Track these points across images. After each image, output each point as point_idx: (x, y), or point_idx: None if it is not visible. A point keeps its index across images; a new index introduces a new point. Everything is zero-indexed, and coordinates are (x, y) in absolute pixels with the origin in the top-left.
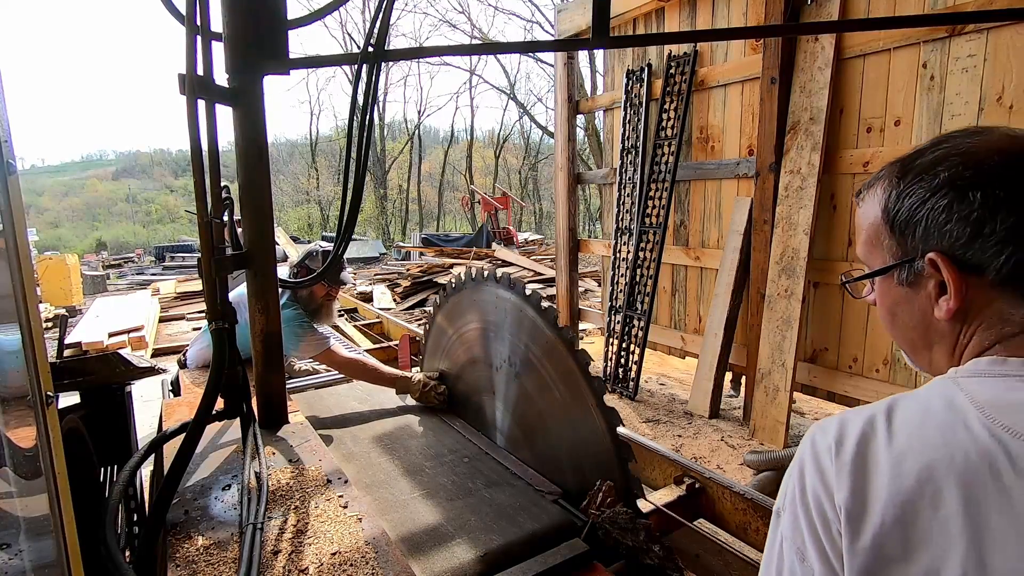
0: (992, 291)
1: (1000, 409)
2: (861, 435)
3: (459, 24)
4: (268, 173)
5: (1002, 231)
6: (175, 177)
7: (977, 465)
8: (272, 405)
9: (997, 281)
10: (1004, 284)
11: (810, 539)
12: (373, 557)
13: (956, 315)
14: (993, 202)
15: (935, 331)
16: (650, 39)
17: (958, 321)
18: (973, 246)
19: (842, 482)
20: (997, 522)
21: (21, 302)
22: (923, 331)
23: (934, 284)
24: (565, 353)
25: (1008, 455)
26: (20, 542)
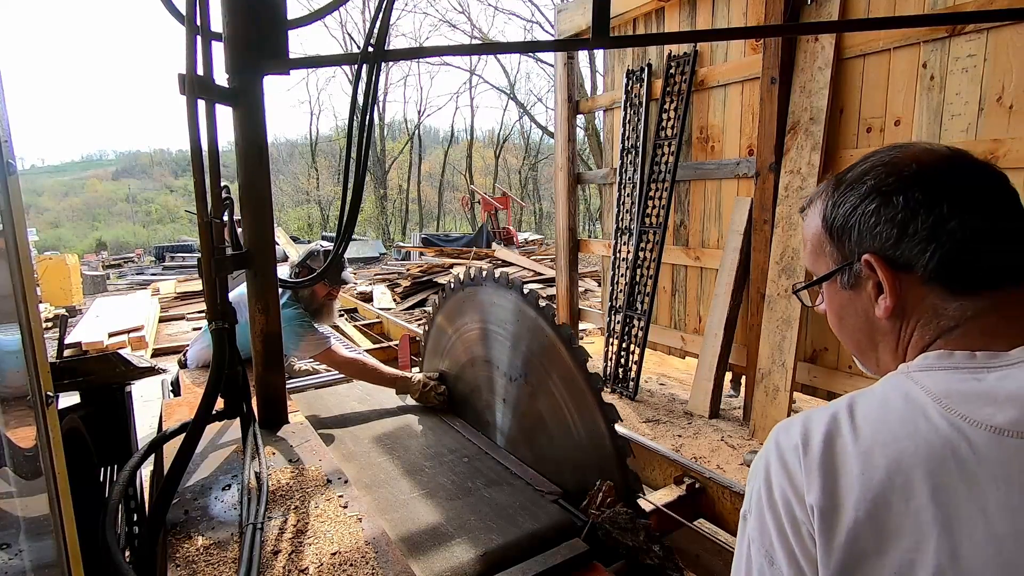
0: (923, 287)
1: (954, 399)
2: (827, 433)
3: (459, 24)
4: (268, 173)
5: (924, 230)
6: (175, 177)
7: (941, 454)
8: (272, 405)
9: (926, 277)
10: (933, 280)
11: (778, 541)
12: (373, 557)
13: (894, 312)
14: (914, 204)
15: (878, 330)
16: (650, 39)
17: (897, 318)
18: (901, 245)
19: (812, 482)
20: (966, 509)
21: (21, 302)
22: (867, 331)
23: (872, 284)
24: (563, 350)
25: (968, 443)
26: (20, 542)
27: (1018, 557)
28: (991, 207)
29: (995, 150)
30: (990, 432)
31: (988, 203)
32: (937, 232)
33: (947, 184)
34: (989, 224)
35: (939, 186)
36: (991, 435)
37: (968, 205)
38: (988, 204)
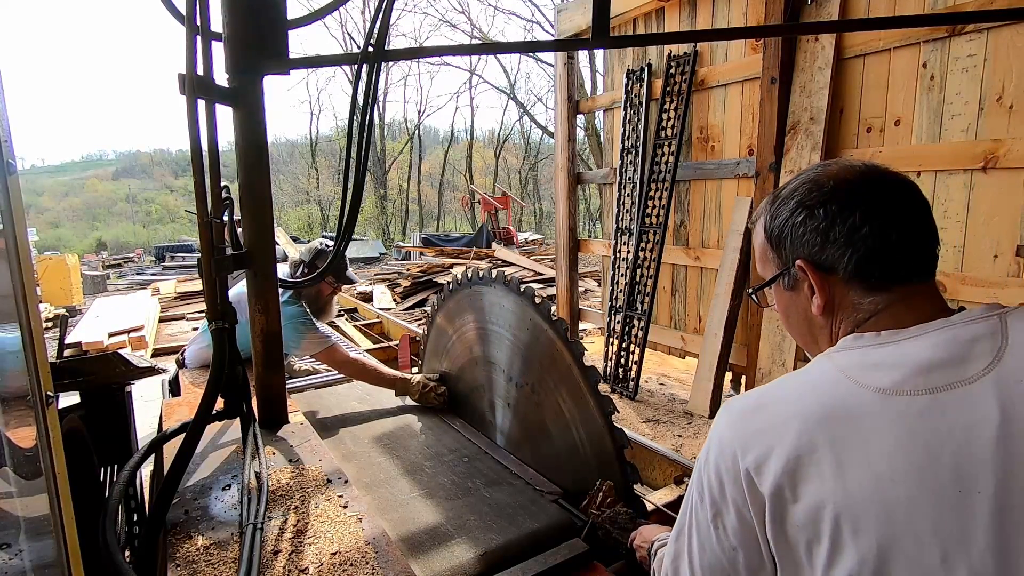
0: (845, 286)
1: (854, 369)
2: (757, 407)
3: (459, 24)
4: (268, 173)
5: (842, 237)
6: (175, 177)
7: (838, 413)
8: (272, 405)
9: (846, 277)
10: (852, 279)
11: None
12: (373, 557)
13: (825, 309)
14: (831, 215)
15: (816, 326)
16: (650, 39)
17: (828, 314)
18: (825, 251)
19: (746, 448)
20: (854, 455)
21: (21, 302)
22: (808, 327)
23: (807, 286)
24: (560, 346)
25: (859, 401)
26: (20, 542)
27: (892, 492)
28: (897, 214)
29: (995, 150)
30: (875, 392)
31: (895, 210)
32: (852, 238)
33: (859, 196)
34: (895, 228)
35: (852, 198)
36: (876, 394)
37: (877, 213)
38: (895, 211)
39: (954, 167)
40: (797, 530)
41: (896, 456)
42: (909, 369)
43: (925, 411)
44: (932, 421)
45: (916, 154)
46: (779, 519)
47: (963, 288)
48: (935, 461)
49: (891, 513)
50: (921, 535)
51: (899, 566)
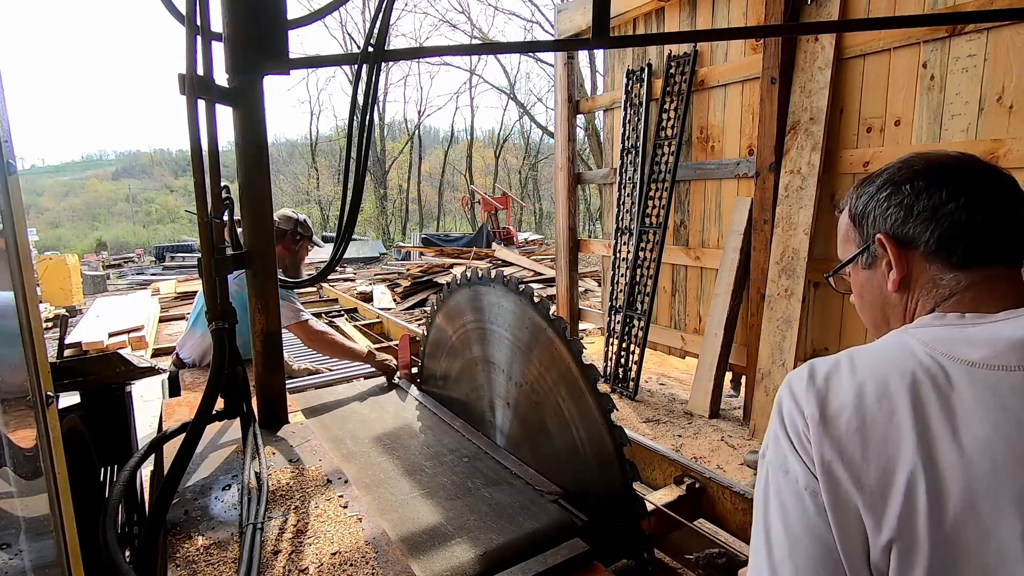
0: (925, 262)
1: (939, 343)
2: (828, 369)
3: (459, 24)
4: (268, 173)
5: (926, 211)
6: (175, 177)
7: (922, 380)
8: (272, 405)
9: (927, 253)
10: (932, 255)
11: (790, 453)
12: (373, 557)
13: (902, 285)
14: (918, 190)
15: (889, 304)
16: (650, 39)
17: (904, 291)
18: (907, 225)
19: (810, 401)
20: (939, 424)
21: (21, 302)
22: (881, 306)
23: (885, 263)
24: (559, 345)
25: (946, 373)
26: (20, 542)
27: (976, 461)
28: (985, 197)
29: (995, 150)
30: (965, 365)
31: (983, 193)
32: (937, 213)
33: (947, 176)
34: (981, 210)
35: (940, 177)
36: (965, 367)
37: (964, 192)
38: (983, 194)
39: None
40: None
41: (983, 427)
42: (1001, 346)
43: (1017, 387)
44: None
45: None
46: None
47: None
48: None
49: (972, 485)
50: (1003, 506)
51: (972, 535)
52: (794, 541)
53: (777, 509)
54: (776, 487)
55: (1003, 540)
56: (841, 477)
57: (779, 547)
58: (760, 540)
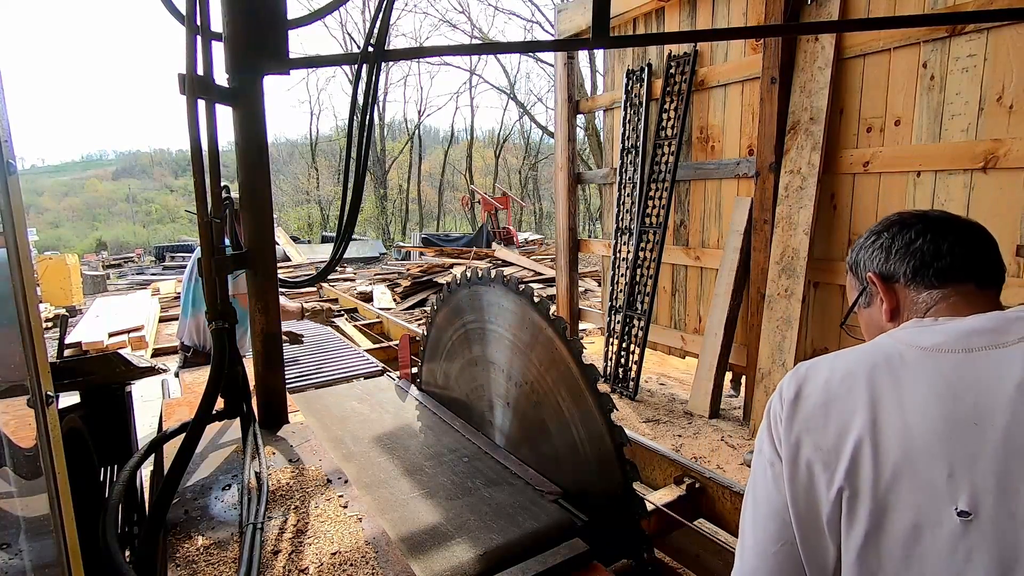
0: (906, 289)
1: (906, 336)
2: (812, 364)
3: (459, 24)
4: (268, 173)
5: (901, 249)
6: (175, 177)
7: (880, 362)
8: (272, 405)
9: (906, 282)
10: (911, 283)
11: (765, 434)
12: (373, 557)
13: (893, 314)
14: (893, 234)
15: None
16: (650, 39)
17: (896, 319)
18: (888, 263)
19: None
20: (888, 396)
21: (21, 302)
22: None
23: (879, 299)
24: (559, 344)
25: (901, 356)
26: (20, 542)
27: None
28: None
29: (995, 150)
30: (919, 349)
31: (946, 229)
32: (909, 248)
33: (917, 220)
34: (946, 240)
35: (911, 223)
36: (919, 351)
37: (931, 230)
38: (946, 230)
39: (954, 167)
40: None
41: (925, 396)
42: (953, 334)
43: (959, 364)
44: (963, 371)
45: (916, 154)
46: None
47: None
48: (958, 400)
49: (909, 439)
50: (933, 455)
51: (907, 481)
52: (755, 505)
53: (751, 482)
54: (754, 465)
55: (933, 482)
56: (805, 444)
57: (749, 512)
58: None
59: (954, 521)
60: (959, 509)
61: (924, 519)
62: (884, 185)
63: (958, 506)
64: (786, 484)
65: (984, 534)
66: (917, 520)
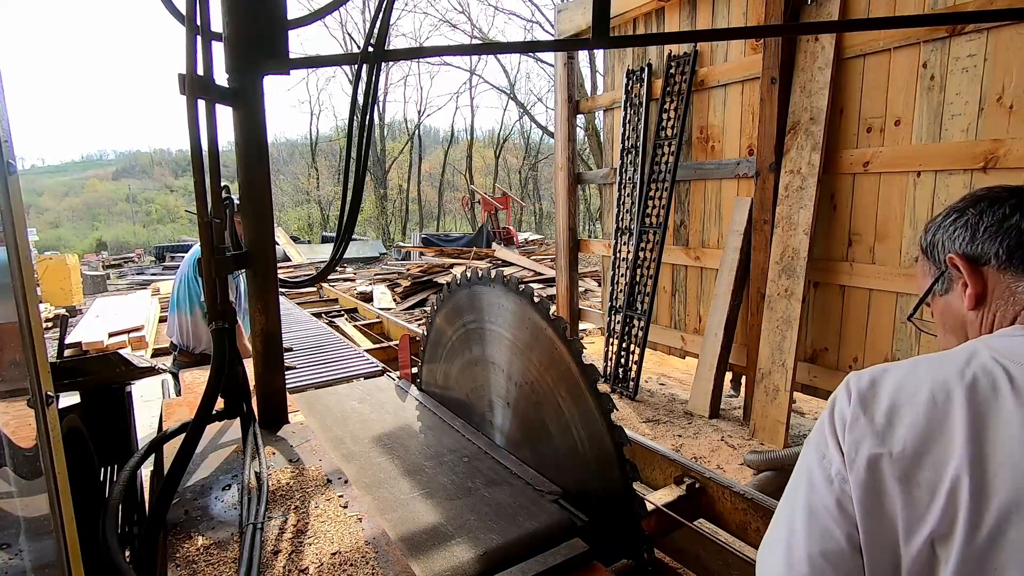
0: (998, 273)
1: (1007, 349)
2: (890, 372)
3: (459, 24)
4: (268, 173)
5: (992, 227)
6: (175, 177)
7: (981, 380)
8: (272, 405)
9: (999, 265)
10: (1005, 266)
11: (831, 440)
12: (373, 557)
13: (977, 301)
14: (980, 211)
15: (969, 323)
16: (650, 39)
17: (981, 307)
18: (975, 242)
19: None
20: (993, 424)
21: (21, 302)
22: (961, 327)
23: (961, 284)
24: (559, 344)
25: (1007, 375)
26: (20, 542)
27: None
28: None
29: (995, 150)
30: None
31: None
32: (1003, 226)
33: (1008, 195)
34: None
35: (1001, 197)
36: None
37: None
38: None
39: (954, 167)
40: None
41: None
42: None
43: None
44: None
45: (916, 154)
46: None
47: None
48: None
49: (1020, 479)
50: None
51: (1018, 534)
52: (814, 515)
53: (806, 486)
54: (809, 468)
55: None
56: (887, 471)
57: (799, 518)
58: (784, 508)
59: None
60: None
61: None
62: (884, 185)
63: None
64: (859, 512)
65: None
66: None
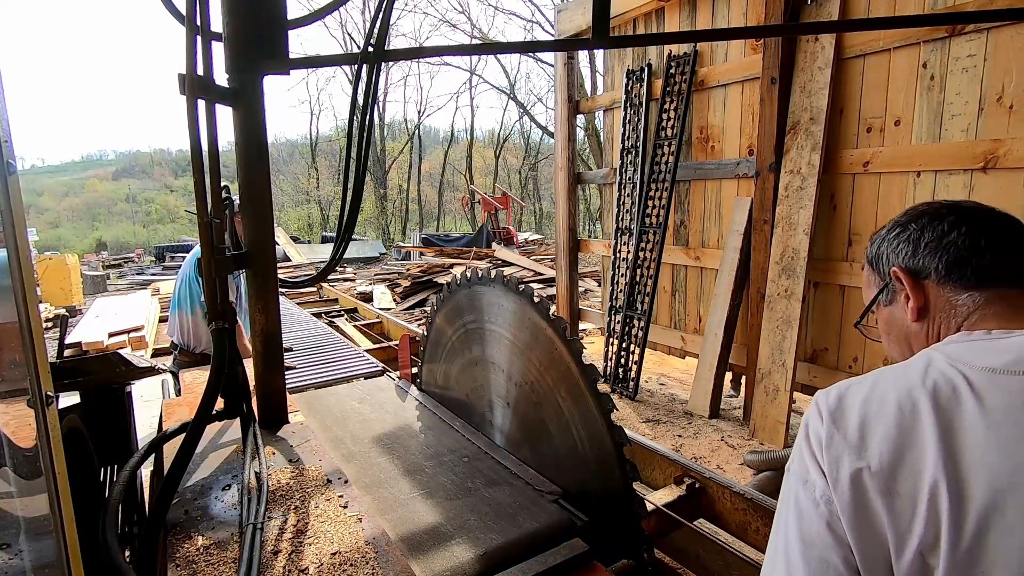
0: (938, 287)
1: (962, 354)
2: (856, 387)
3: (459, 24)
4: (268, 173)
5: (932, 242)
6: (175, 177)
7: (943, 387)
8: (272, 405)
9: (938, 279)
10: (944, 280)
11: (811, 464)
12: (373, 557)
13: (920, 313)
14: (922, 226)
15: (912, 335)
16: (650, 39)
17: (923, 319)
18: (916, 256)
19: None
20: (960, 423)
21: (21, 302)
22: (906, 338)
23: (903, 296)
24: (559, 344)
25: (967, 380)
26: (20, 542)
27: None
28: (985, 225)
29: (995, 150)
30: (987, 372)
31: (983, 222)
32: (942, 242)
33: (948, 211)
34: (984, 236)
35: (942, 213)
36: (987, 373)
37: (965, 223)
38: (983, 223)
39: (954, 167)
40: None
41: (1005, 429)
42: (1020, 352)
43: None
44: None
45: (916, 154)
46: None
47: None
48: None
49: (995, 483)
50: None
51: (998, 535)
52: (808, 544)
53: (795, 515)
54: (795, 495)
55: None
56: (868, 486)
57: (794, 549)
58: (778, 542)
59: None
60: None
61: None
62: (884, 185)
63: None
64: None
65: None
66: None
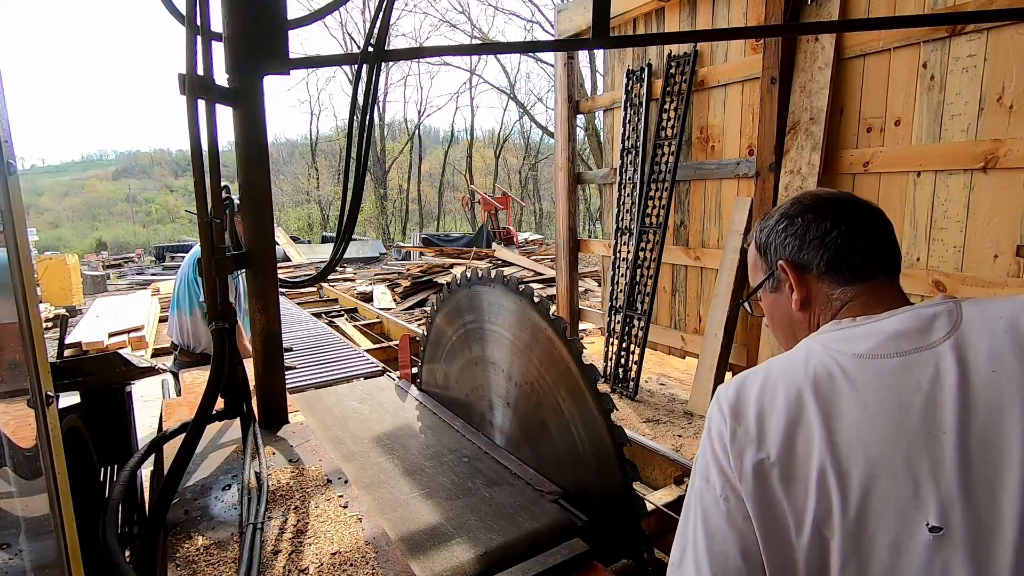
0: (819, 282)
1: (834, 342)
2: (750, 381)
3: (459, 24)
4: (268, 173)
5: (816, 240)
6: (175, 177)
7: (822, 376)
8: (272, 405)
9: (819, 274)
10: (824, 275)
11: (712, 461)
12: (373, 557)
13: (803, 304)
14: (807, 222)
15: (796, 323)
16: (650, 39)
17: (806, 309)
18: (802, 252)
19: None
20: (838, 407)
21: (21, 302)
22: (789, 324)
23: (788, 286)
24: (559, 344)
25: (840, 366)
26: (20, 542)
27: (871, 439)
28: (860, 224)
29: (995, 150)
30: (855, 357)
31: (859, 222)
32: (824, 240)
33: (831, 208)
34: (860, 235)
35: (825, 209)
36: (856, 359)
37: (844, 222)
38: (858, 222)
39: (954, 167)
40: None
41: (873, 407)
42: (882, 338)
43: (896, 369)
44: (902, 376)
45: (916, 154)
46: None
47: (963, 288)
48: (907, 409)
49: (869, 456)
50: (896, 472)
51: (878, 501)
52: (711, 537)
53: (700, 509)
54: (699, 492)
55: (901, 500)
56: (769, 475)
57: (700, 541)
58: (687, 531)
59: (927, 537)
60: (930, 524)
61: (899, 539)
62: (884, 185)
63: (929, 521)
64: (755, 522)
65: (957, 547)
66: (891, 541)
